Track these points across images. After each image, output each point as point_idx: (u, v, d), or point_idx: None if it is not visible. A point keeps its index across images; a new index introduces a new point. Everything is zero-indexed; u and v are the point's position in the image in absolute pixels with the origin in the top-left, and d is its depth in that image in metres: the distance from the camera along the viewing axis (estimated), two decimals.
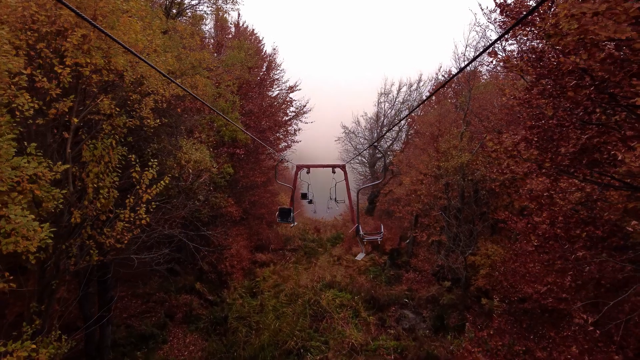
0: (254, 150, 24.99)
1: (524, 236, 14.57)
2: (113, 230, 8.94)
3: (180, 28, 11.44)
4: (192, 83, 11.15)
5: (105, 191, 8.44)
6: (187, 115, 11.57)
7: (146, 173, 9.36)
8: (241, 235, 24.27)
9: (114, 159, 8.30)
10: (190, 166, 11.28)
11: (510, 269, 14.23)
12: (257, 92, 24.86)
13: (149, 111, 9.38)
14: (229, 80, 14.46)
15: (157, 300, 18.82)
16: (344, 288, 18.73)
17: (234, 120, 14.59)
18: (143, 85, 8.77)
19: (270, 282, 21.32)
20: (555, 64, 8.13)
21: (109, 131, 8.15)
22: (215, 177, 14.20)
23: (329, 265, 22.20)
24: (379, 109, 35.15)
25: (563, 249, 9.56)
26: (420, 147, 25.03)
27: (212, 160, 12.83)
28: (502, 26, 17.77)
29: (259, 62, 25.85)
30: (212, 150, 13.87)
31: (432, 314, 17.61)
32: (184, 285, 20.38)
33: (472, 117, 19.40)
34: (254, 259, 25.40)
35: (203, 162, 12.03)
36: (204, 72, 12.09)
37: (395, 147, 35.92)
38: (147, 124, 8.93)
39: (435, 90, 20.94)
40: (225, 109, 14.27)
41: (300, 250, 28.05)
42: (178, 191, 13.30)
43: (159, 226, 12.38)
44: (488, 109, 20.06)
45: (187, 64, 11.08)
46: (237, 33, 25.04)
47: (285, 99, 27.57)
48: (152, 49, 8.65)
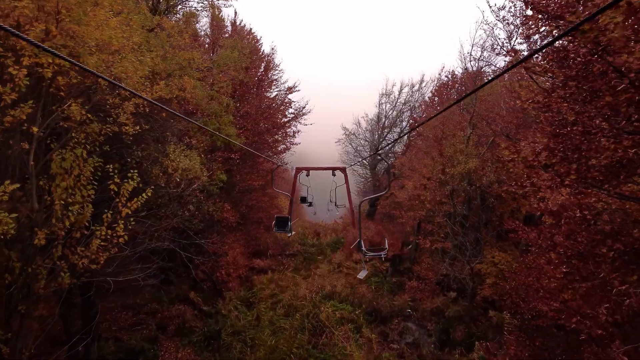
0: (251, 153, 24.05)
1: (536, 248, 13.61)
2: (87, 249, 7.98)
3: (167, 25, 10.48)
4: (179, 85, 10.19)
5: (77, 207, 7.48)
6: (173, 120, 10.63)
7: (126, 185, 8.39)
8: (238, 241, 23.31)
9: (85, 171, 7.33)
10: (178, 175, 10.31)
11: (521, 282, 13.24)
12: (254, 93, 23.89)
13: (129, 116, 8.41)
14: (222, 81, 13.47)
15: (148, 312, 17.85)
16: (345, 299, 17.77)
17: (227, 125, 13.63)
18: (122, 88, 7.81)
19: (268, 291, 20.38)
20: (582, 65, 7.16)
21: (80, 140, 7.18)
22: (207, 185, 13.23)
23: (328, 273, 21.22)
24: (380, 110, 34.18)
25: (588, 269, 8.60)
26: (423, 150, 24.05)
27: (202, 168, 11.87)
28: (514, 23, 16.84)
29: (256, 62, 24.87)
30: (204, 155, 12.90)
31: (437, 327, 16.64)
32: (178, 295, 19.43)
33: (479, 120, 18.41)
34: (252, 265, 24.44)
35: (192, 170, 11.06)
36: (194, 72, 11.12)
37: (397, 149, 34.98)
38: (126, 130, 7.96)
39: (448, 106, 20.24)
40: (218, 112, 13.30)
41: (299, 255, 27.09)
42: (168, 199, 12.36)
43: (146, 238, 11.42)
44: (494, 111, 19.07)
45: (173, 64, 10.11)
46: (233, 32, 24.05)
47: (284, 100, 26.58)
48: (130, 48, 7.68)
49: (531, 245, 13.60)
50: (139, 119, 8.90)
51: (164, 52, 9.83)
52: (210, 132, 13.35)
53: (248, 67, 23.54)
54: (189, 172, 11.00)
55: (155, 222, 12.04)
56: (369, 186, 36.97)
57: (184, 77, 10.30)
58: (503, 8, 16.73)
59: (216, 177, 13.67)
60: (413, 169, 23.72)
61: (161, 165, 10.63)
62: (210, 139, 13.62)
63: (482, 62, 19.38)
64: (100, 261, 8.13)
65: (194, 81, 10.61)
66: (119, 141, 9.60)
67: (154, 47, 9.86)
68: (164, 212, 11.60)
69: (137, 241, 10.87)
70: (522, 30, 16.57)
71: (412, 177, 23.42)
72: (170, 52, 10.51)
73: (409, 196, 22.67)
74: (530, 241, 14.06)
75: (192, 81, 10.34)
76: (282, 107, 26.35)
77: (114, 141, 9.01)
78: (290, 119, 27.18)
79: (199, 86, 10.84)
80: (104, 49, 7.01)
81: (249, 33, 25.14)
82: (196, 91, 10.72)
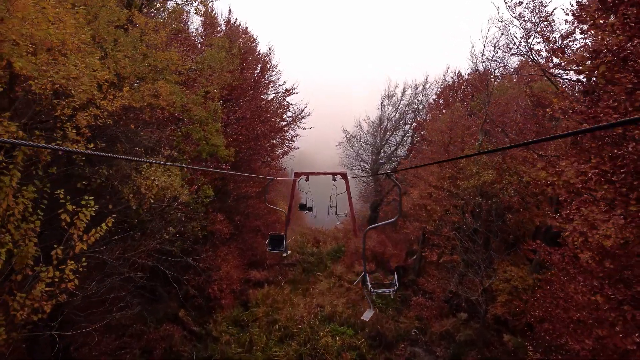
0: (246, 160, 22.43)
1: (561, 273, 11.95)
2: (28, 296, 6.38)
3: (139, 21, 8.89)
4: (153, 91, 8.59)
5: (9, 246, 5.88)
6: (144, 133, 9.00)
7: (80, 214, 6.79)
8: (232, 253, 21.70)
9: (12, 204, 5.71)
10: (152, 195, 8.71)
11: (546, 312, 11.59)
12: (250, 95, 22.28)
13: (86, 130, 6.79)
14: (209, 85, 11.83)
15: (133, 334, 16.23)
16: (346, 321, 16.16)
17: (214, 134, 11.99)
18: (71, 97, 6.20)
19: (263, 308, 18.78)
20: None
21: (6, 165, 5.58)
22: (191, 202, 11.62)
23: (328, 289, 19.59)
24: (382, 113, 32.55)
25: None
26: (429, 157, 22.43)
27: (184, 183, 10.25)
28: (532, 20, 15.15)
29: (252, 62, 23.25)
30: (187, 169, 11.28)
31: (447, 353, 15.04)
32: (166, 314, 17.81)
33: (491, 126, 16.74)
34: (248, 276, 22.86)
35: (171, 188, 9.45)
36: (172, 76, 9.52)
37: (400, 153, 33.35)
38: (77, 149, 6.35)
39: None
40: (203, 119, 11.67)
41: (298, 265, 25.50)
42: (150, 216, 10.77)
43: (120, 266, 9.83)
44: (509, 115, 17.41)
45: (144, 66, 8.49)
46: (228, 31, 22.41)
47: (282, 103, 24.95)
48: (75, 48, 6.07)
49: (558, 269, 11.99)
50: (99, 132, 7.29)
51: (133, 52, 8.23)
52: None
53: (244, 67, 21.94)
54: (166, 191, 9.39)
55: (133, 244, 10.46)
56: (370, 191, 35.34)
57: (158, 82, 8.69)
58: (520, 4, 15.13)
59: (202, 193, 12.07)
60: (418, 176, 22.09)
61: (133, 183, 9.02)
62: (195, 151, 11.99)
63: (494, 62, 17.66)
64: (45, 310, 6.52)
65: (171, 86, 9.00)
66: (78, 159, 7.98)
67: (123, 46, 8.25)
68: (139, 234, 9.98)
69: (107, 272, 9.27)
70: (540, 28, 14.99)
71: (418, 184, 21.79)
72: (143, 52, 8.89)
73: (414, 205, 21.06)
74: (553, 263, 12.43)
75: (167, 86, 8.73)
76: (279, 110, 24.70)
77: (69, 159, 7.40)
78: (289, 122, 25.56)
79: (177, 92, 9.24)
80: (39, 48, 5.42)
81: (244, 32, 23.52)
82: (174, 97, 9.11)
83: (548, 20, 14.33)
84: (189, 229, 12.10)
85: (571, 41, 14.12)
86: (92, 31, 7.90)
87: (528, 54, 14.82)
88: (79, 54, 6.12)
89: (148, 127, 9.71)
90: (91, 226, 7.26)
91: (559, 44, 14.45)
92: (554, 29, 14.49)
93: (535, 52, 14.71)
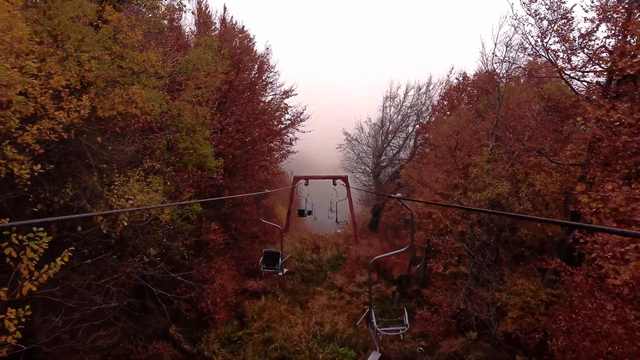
0: (242, 164, 21.22)
1: (587, 297, 10.72)
2: None
3: (112, 17, 7.67)
4: (126, 97, 7.38)
5: None
6: (112, 147, 7.78)
7: (27, 249, 5.59)
8: (227, 263, 20.52)
9: None
10: (125, 218, 7.51)
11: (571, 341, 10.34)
12: (247, 97, 21.05)
13: (36, 146, 5.58)
14: (194, 89, 10.54)
15: (120, 353, 15.05)
16: (347, 341, 14.96)
17: (201, 144, 10.70)
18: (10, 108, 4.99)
19: (260, 323, 17.62)
20: None
21: None
22: (176, 220, 10.40)
23: (329, 305, 18.37)
24: (384, 114, 31.37)
25: None
26: (434, 162, 21.19)
27: (165, 200, 9.04)
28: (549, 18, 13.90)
29: (249, 63, 22.03)
30: (171, 182, 10.07)
31: None
32: (156, 330, 16.63)
33: (503, 131, 15.47)
34: (245, 286, 21.66)
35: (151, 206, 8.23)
36: (150, 80, 8.29)
37: (402, 156, 32.13)
38: (20, 173, 5.15)
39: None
40: (191, 126, 10.42)
41: (297, 274, 24.29)
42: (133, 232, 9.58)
43: (90, 293, 8.64)
44: (519, 119, 16.16)
45: (113, 69, 7.25)
46: (223, 30, 21.19)
47: (280, 106, 23.70)
48: (6, 48, 4.83)
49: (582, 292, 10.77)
50: (53, 147, 6.07)
51: (101, 53, 7.00)
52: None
53: (239, 68, 20.73)
54: (143, 212, 8.17)
55: (110, 267, 9.26)
56: (371, 195, 34.10)
57: (132, 87, 7.47)
58: (534, 0, 13.89)
59: (188, 208, 10.83)
60: (423, 182, 20.87)
61: (106, 202, 7.81)
62: (180, 162, 10.75)
63: (506, 63, 16.38)
64: None
65: (147, 91, 7.78)
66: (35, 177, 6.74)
67: (90, 46, 7.04)
68: (116, 257, 8.78)
69: (75, 303, 8.07)
70: (557, 27, 13.73)
71: (422, 192, 20.57)
72: (117, 52, 7.67)
73: (418, 213, 19.82)
74: (577, 284, 11.21)
75: (142, 92, 7.51)
76: (277, 113, 23.47)
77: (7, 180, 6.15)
78: (287, 125, 24.33)
79: (155, 98, 8.01)
80: None
81: (240, 31, 22.29)
82: (151, 104, 7.88)
83: (566, 17, 13.10)
84: (174, 248, 10.90)
85: (591, 40, 12.89)
86: (52, 28, 6.69)
87: (544, 54, 13.58)
88: (12, 55, 4.91)
89: (122, 138, 8.48)
90: (52, 256, 6.09)
91: (578, 43, 13.23)
92: (572, 27, 13.27)
93: (552, 53, 13.49)
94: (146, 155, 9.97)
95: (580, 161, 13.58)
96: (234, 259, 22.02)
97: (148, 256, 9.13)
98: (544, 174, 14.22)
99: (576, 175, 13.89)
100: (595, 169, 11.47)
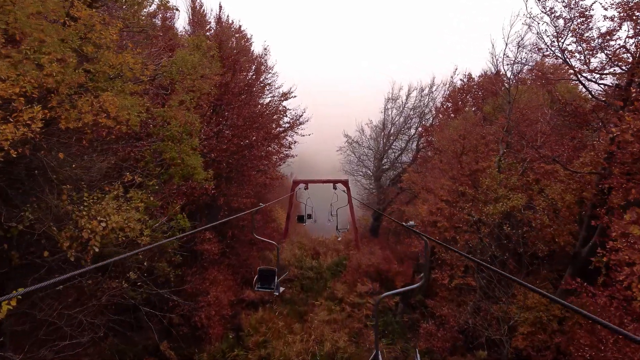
0: (238, 170, 20.17)
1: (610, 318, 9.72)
2: None
3: (82, 14, 6.65)
4: (97, 105, 6.34)
5: None
6: (77, 163, 6.76)
7: None
8: (223, 272, 19.52)
9: None
10: (96, 243, 6.50)
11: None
12: (243, 100, 20.00)
13: None
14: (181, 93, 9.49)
15: None
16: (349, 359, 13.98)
17: (189, 154, 9.62)
18: None
19: (257, 337, 16.63)
20: None
21: None
22: (160, 239, 9.36)
23: (328, 320, 17.32)
24: (386, 116, 30.31)
25: None
26: (438, 167, 20.17)
27: (146, 219, 8.01)
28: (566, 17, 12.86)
29: (246, 64, 20.99)
30: (155, 196, 9.03)
31: None
32: (146, 347, 15.63)
33: (516, 137, 14.43)
34: (241, 296, 20.65)
35: (127, 229, 7.22)
36: (127, 85, 7.25)
37: (404, 159, 31.09)
38: None
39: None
40: (177, 135, 9.34)
41: (296, 282, 23.31)
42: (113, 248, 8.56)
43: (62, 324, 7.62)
44: (530, 124, 15.10)
45: (78, 74, 6.18)
46: (219, 29, 20.14)
47: (278, 108, 22.65)
48: None
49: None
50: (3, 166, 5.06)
51: (63, 53, 5.98)
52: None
53: (235, 69, 19.68)
54: (119, 233, 7.15)
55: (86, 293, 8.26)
56: (373, 198, 33.06)
57: (104, 94, 6.42)
58: None
59: (174, 223, 9.76)
60: (427, 188, 19.85)
61: (75, 225, 6.80)
62: (166, 174, 9.70)
63: (518, 64, 15.31)
64: None
65: (121, 99, 6.73)
66: None
67: (51, 46, 6.02)
68: (91, 283, 7.77)
69: (40, 338, 7.06)
70: (575, 26, 12.68)
71: (427, 198, 19.55)
72: (87, 54, 6.65)
73: (423, 221, 18.81)
74: (601, 305, 10.22)
75: (116, 99, 6.47)
76: (275, 116, 22.42)
77: None
78: (286, 128, 23.28)
79: (130, 105, 6.95)
80: None
81: (237, 31, 21.24)
82: (126, 113, 6.82)
83: (585, 15, 12.06)
84: (159, 270, 9.89)
85: (612, 40, 11.85)
86: (6, 25, 5.67)
87: (560, 55, 12.53)
88: None
89: (92, 151, 7.43)
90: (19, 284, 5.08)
91: (597, 43, 12.19)
92: (590, 27, 12.23)
93: (569, 53, 12.45)
94: (129, 166, 8.95)
95: (597, 169, 12.59)
96: (230, 268, 21.02)
97: (127, 281, 8.13)
98: (560, 183, 13.21)
99: (592, 183, 12.92)
100: (619, 179, 10.51)
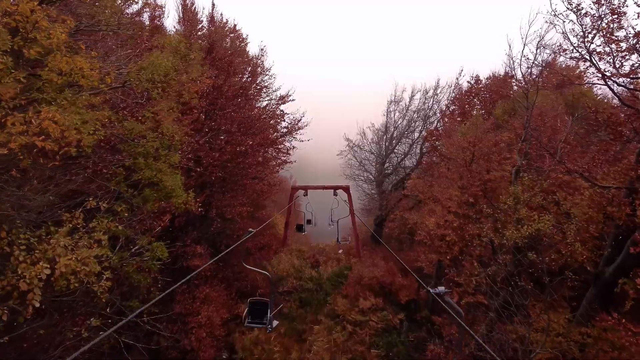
0: (231, 178, 18.68)
1: None
2: None
3: (20, 8, 5.25)
4: (36, 124, 4.92)
5: None
6: (20, 190, 5.34)
7: None
8: (215, 288, 18.09)
9: None
10: (37, 298, 5.11)
11: None
12: (237, 104, 18.57)
13: None
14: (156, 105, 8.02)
15: None
16: None
17: (168, 173, 8.19)
18: None
19: None
20: None
21: None
22: (132, 275, 7.95)
23: (328, 341, 15.96)
24: (388, 119, 28.85)
25: None
26: (446, 176, 18.72)
27: (110, 254, 6.61)
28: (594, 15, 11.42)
29: (241, 66, 19.54)
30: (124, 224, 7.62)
31: None
32: None
33: (536, 148, 12.99)
34: (236, 312, 19.23)
35: (84, 271, 5.83)
36: (81, 97, 5.85)
37: (407, 163, 29.63)
38: None
39: None
40: (152, 151, 7.91)
41: (294, 295, 21.93)
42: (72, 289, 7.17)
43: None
44: (552, 132, 13.66)
45: (11, 84, 4.77)
46: (213, 28, 18.69)
47: (275, 112, 21.22)
48: None
49: None
50: None
51: None
52: None
53: (229, 72, 18.23)
54: (74, 275, 5.75)
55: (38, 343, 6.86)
56: (374, 204, 31.62)
57: (44, 109, 5.00)
58: None
59: (150, 254, 8.33)
60: (434, 199, 18.39)
61: (13, 270, 5.39)
62: (138, 197, 8.27)
63: (536, 67, 13.86)
64: None
65: (71, 115, 5.33)
66: None
67: None
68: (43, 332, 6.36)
69: None
70: (605, 24, 11.24)
71: (434, 209, 18.09)
72: (27, 58, 5.25)
73: (430, 235, 17.37)
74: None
75: (59, 116, 5.06)
76: (271, 120, 20.98)
77: None
78: (284, 133, 21.85)
79: (81, 123, 5.53)
80: None
81: (232, 30, 19.81)
82: (75, 133, 5.40)
83: (617, 13, 10.63)
84: (129, 310, 8.48)
85: None
86: None
87: (587, 57, 11.11)
88: None
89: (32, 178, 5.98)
90: None
91: (630, 44, 10.77)
92: (622, 25, 10.80)
93: (597, 55, 11.03)
94: (95, 188, 7.55)
95: (625, 184, 11.21)
96: (223, 281, 19.60)
97: (88, 330, 6.75)
98: (583, 197, 11.80)
99: (618, 197, 11.54)
100: None
